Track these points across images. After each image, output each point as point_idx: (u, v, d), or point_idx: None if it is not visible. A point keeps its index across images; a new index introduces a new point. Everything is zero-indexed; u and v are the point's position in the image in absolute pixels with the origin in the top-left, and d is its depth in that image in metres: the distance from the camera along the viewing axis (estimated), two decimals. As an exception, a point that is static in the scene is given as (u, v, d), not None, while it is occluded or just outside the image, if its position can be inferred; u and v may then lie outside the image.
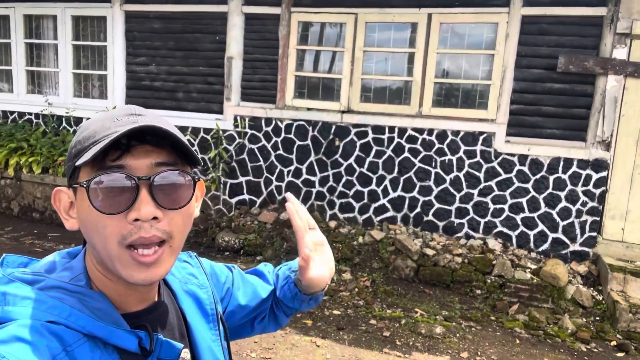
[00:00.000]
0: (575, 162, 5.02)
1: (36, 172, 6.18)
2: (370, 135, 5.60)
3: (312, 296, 1.05)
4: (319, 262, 1.00)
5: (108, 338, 0.70)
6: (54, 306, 0.69)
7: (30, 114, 6.93)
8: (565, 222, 5.10)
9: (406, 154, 5.51)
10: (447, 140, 5.37)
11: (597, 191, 4.97)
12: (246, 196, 6.09)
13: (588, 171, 4.98)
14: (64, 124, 6.76)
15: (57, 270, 0.77)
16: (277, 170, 5.96)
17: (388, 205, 5.62)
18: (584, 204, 5.02)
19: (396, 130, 5.51)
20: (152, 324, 0.79)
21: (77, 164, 0.70)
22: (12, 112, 7.04)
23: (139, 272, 0.72)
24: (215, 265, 1.08)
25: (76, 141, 0.74)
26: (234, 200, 6.15)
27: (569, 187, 5.06)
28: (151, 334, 0.75)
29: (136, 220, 0.70)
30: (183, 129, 6.23)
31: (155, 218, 0.71)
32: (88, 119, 0.84)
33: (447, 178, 5.40)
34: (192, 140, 6.22)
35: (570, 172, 5.04)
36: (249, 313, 1.09)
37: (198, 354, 0.87)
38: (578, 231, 5.06)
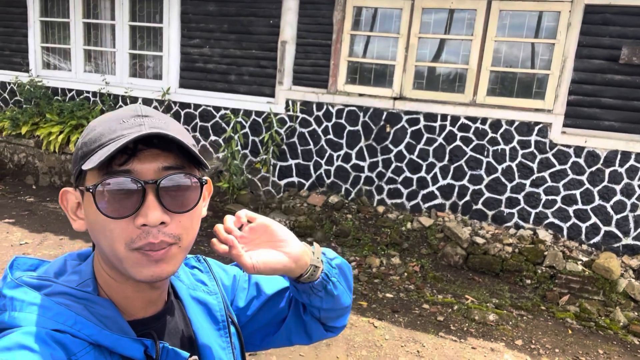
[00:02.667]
0: (633, 156, 4.95)
1: (95, 149, 6.44)
2: (422, 123, 5.63)
3: (309, 285, 0.93)
4: (254, 249, 0.87)
5: (114, 347, 0.70)
6: (59, 313, 0.68)
7: (87, 92, 7.19)
8: (619, 216, 5.06)
9: (458, 142, 5.53)
10: (501, 130, 5.35)
11: (655, 186, 4.91)
12: (295, 179, 6.24)
13: (647, 165, 4.91)
14: (120, 103, 7.00)
15: (66, 273, 0.76)
16: (327, 155, 6.07)
17: (437, 192, 5.68)
18: (639, 198, 4.98)
19: (448, 118, 5.52)
20: (159, 332, 0.78)
21: (83, 168, 0.69)
22: (70, 90, 7.32)
23: (148, 268, 0.71)
24: (223, 267, 1.03)
25: (82, 143, 0.73)
26: (282, 182, 6.30)
27: (625, 180, 5.01)
28: (157, 342, 0.74)
29: (144, 225, 0.70)
30: (235, 111, 6.38)
31: (162, 223, 0.70)
32: (144, 98, 0.83)
33: (499, 167, 5.41)
34: (243, 122, 6.37)
35: (627, 165, 4.98)
36: (262, 314, 1.02)
37: None
38: (632, 225, 5.02)
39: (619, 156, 5.00)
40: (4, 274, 0.75)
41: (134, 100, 6.88)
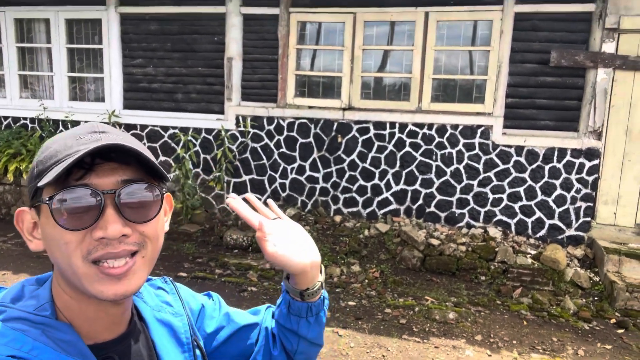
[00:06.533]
0: (569, 152, 5.28)
1: (36, 178, 6.13)
2: (372, 131, 5.76)
3: (307, 304, 0.94)
4: (280, 238, 0.91)
5: None
6: (15, 339, 0.66)
7: (25, 118, 6.85)
8: (561, 209, 5.36)
9: (407, 149, 5.69)
10: (447, 134, 5.56)
11: (590, 178, 5.25)
12: (250, 195, 6.17)
13: (581, 160, 5.25)
14: (61, 128, 6.72)
15: (24, 298, 0.73)
16: (281, 168, 6.07)
17: (391, 198, 5.80)
18: (578, 191, 5.29)
19: (397, 125, 5.68)
20: (121, 355, 0.76)
21: (39, 184, 0.67)
22: (6, 118, 6.95)
23: (109, 286, 0.68)
24: (191, 292, 1.01)
25: (37, 161, 0.71)
26: (238, 199, 6.22)
27: (564, 175, 5.32)
28: None
29: (102, 238, 0.67)
30: (185, 130, 6.27)
31: (124, 235, 0.69)
32: (86, 122, 0.88)
33: (448, 170, 5.61)
34: (194, 140, 6.27)
35: (564, 161, 5.30)
36: (230, 344, 1.00)
37: None
38: (573, 217, 5.33)
39: (556, 153, 5.31)
40: None
41: (75, 124, 6.62)
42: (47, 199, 0.67)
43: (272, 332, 1.01)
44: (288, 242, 0.91)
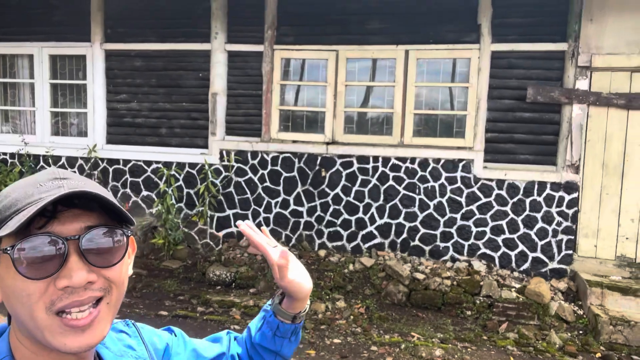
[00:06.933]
0: (548, 185, 5.38)
1: (14, 214, 5.99)
2: (356, 165, 5.80)
3: (295, 326, 1.03)
4: (294, 265, 1.00)
5: None
6: None
7: (4, 154, 6.75)
8: (543, 242, 5.41)
9: (391, 182, 5.73)
10: (429, 168, 5.63)
11: (570, 211, 5.33)
12: (234, 229, 6.12)
13: (561, 193, 5.34)
14: (42, 163, 6.63)
15: None
16: (265, 202, 6.05)
17: (375, 232, 5.79)
18: (559, 223, 5.36)
19: (380, 159, 5.74)
20: None
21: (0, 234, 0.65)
22: (-16, 153, 6.84)
23: (74, 339, 0.66)
24: (155, 331, 1.00)
25: None
26: (221, 234, 6.16)
27: (545, 208, 5.40)
28: None
29: (67, 287, 0.65)
30: (168, 165, 6.24)
31: (89, 282, 0.67)
32: (69, 157, 0.87)
33: (431, 204, 5.65)
34: (177, 175, 6.23)
35: (544, 194, 5.39)
36: None
37: None
38: (555, 250, 5.38)
39: (536, 186, 5.41)
40: None
41: (56, 159, 6.55)
42: (7, 248, 0.65)
43: (239, 357, 1.06)
44: (298, 268, 1.01)
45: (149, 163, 6.35)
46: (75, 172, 6.48)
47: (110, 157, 6.45)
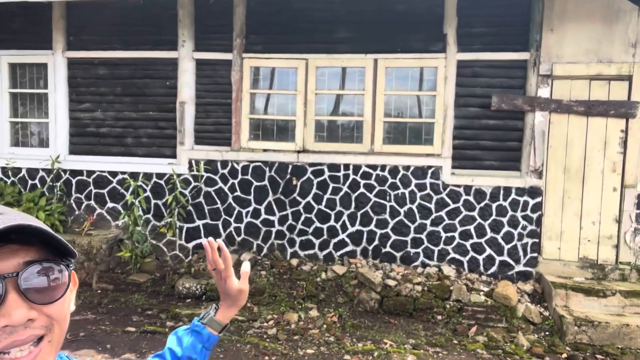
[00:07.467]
0: (513, 190, 5.52)
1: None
2: (327, 173, 5.81)
3: (217, 338, 1.15)
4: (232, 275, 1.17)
5: None
6: None
7: (-40, 165, 6.45)
8: (509, 245, 5.55)
9: (362, 190, 5.77)
10: (399, 175, 5.70)
11: (535, 215, 5.49)
12: (204, 240, 6.01)
13: (525, 198, 5.49)
14: (1, 175, 6.36)
15: None
16: (236, 212, 5.98)
17: (347, 239, 5.81)
18: (524, 227, 5.51)
19: (351, 167, 5.77)
20: None
21: None
22: (-62, 165, 6.51)
23: None
24: None
25: None
26: (191, 245, 6.06)
27: (510, 212, 5.54)
28: None
29: (5, 326, 0.63)
30: (134, 175, 6.10)
31: (30, 320, 0.65)
32: (29, 168, 0.83)
33: (401, 210, 5.71)
34: (144, 186, 6.09)
35: (509, 199, 5.53)
36: None
37: None
38: (521, 253, 5.52)
39: (501, 191, 5.54)
40: None
41: (17, 171, 6.30)
42: None
43: None
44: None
45: (114, 174, 6.19)
46: (36, 184, 6.29)
47: (73, 168, 6.25)
